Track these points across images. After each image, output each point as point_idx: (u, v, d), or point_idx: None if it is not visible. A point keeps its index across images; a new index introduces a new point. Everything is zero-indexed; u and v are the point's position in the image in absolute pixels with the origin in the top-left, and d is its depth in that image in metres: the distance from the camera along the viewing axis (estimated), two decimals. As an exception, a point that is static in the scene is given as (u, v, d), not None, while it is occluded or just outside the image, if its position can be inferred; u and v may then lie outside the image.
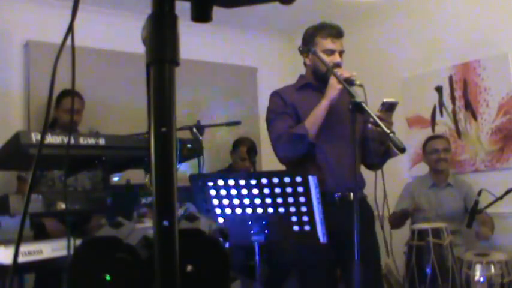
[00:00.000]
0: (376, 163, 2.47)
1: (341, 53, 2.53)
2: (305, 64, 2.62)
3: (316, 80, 2.57)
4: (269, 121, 2.55)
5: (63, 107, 3.56)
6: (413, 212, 3.70)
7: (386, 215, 2.66)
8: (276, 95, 2.57)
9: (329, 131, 2.44)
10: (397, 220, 3.72)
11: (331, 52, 2.49)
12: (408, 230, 3.60)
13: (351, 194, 2.45)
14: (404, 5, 4.58)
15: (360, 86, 2.32)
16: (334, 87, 2.36)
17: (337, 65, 2.46)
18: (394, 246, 2.98)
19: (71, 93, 1.59)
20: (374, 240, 2.57)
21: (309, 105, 2.45)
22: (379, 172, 2.27)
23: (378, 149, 2.44)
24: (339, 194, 2.45)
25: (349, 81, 2.32)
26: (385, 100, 2.29)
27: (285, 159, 2.52)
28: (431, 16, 4.43)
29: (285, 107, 2.51)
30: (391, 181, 2.49)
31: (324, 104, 2.38)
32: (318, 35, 2.52)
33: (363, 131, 2.53)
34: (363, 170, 2.63)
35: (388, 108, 2.30)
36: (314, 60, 2.54)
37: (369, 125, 2.28)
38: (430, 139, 4.00)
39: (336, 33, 2.52)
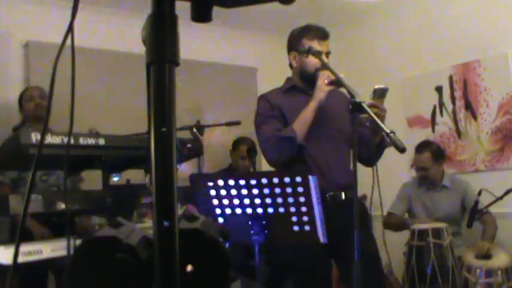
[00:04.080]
0: (371, 155, 2.46)
1: (328, 54, 2.53)
2: (291, 66, 2.62)
3: (302, 82, 2.57)
4: (257, 125, 2.55)
5: (25, 97, 3.59)
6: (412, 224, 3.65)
7: (379, 214, 2.68)
8: (262, 99, 2.57)
9: (318, 131, 2.44)
10: (394, 226, 3.72)
11: (318, 53, 2.49)
12: (408, 230, 3.59)
13: (342, 194, 2.46)
14: (404, 5, 4.58)
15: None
16: (322, 89, 2.36)
17: (325, 66, 2.46)
18: (393, 246, 2.98)
19: (72, 95, 1.58)
20: (370, 239, 2.56)
21: (296, 107, 2.45)
22: (375, 172, 2.27)
23: (373, 140, 2.43)
24: (330, 193, 2.44)
25: (337, 83, 2.32)
26: (376, 87, 2.29)
27: (274, 162, 2.51)
28: (432, 16, 4.43)
29: (272, 111, 2.51)
30: (390, 181, 2.50)
31: (312, 106, 2.38)
32: (304, 37, 2.51)
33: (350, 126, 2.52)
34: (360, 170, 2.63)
35: (380, 94, 2.31)
36: (301, 62, 2.54)
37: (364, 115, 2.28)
38: (417, 149, 3.80)
39: (322, 34, 2.52)
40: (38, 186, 3.19)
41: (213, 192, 2.02)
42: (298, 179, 1.92)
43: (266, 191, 1.95)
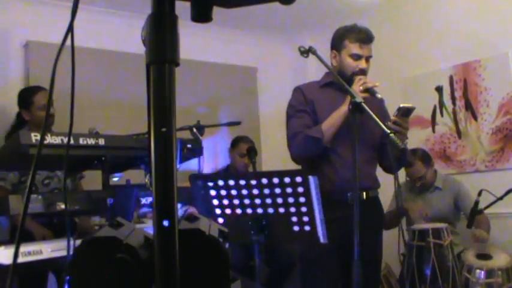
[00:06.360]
0: (390, 166, 2.48)
1: (368, 58, 2.52)
2: (331, 65, 2.60)
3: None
4: (288, 116, 2.56)
5: (37, 104, 3.28)
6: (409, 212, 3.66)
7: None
8: (298, 91, 2.57)
9: (347, 133, 2.43)
10: (393, 219, 3.70)
11: (358, 57, 2.47)
12: (406, 227, 3.60)
13: (364, 194, 2.47)
14: (404, 6, 4.58)
15: (380, 100, 2.34)
16: (356, 94, 2.35)
17: (362, 71, 2.45)
18: (393, 245, 3.00)
19: (72, 95, 1.58)
20: (379, 240, 2.57)
21: (329, 103, 2.45)
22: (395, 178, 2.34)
23: (395, 152, 2.43)
24: (351, 193, 2.44)
25: (372, 92, 2.32)
26: (401, 105, 2.32)
27: (297, 158, 2.53)
28: (432, 16, 4.43)
29: (305, 104, 2.51)
30: (390, 181, 2.53)
31: (343, 110, 2.37)
32: (347, 38, 2.50)
33: (382, 134, 2.53)
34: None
35: (404, 113, 2.33)
36: (340, 62, 2.53)
37: (389, 124, 2.30)
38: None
39: (365, 38, 2.50)
40: (40, 190, 3.16)
41: (213, 192, 2.02)
42: (299, 179, 1.92)
43: (266, 191, 1.95)
